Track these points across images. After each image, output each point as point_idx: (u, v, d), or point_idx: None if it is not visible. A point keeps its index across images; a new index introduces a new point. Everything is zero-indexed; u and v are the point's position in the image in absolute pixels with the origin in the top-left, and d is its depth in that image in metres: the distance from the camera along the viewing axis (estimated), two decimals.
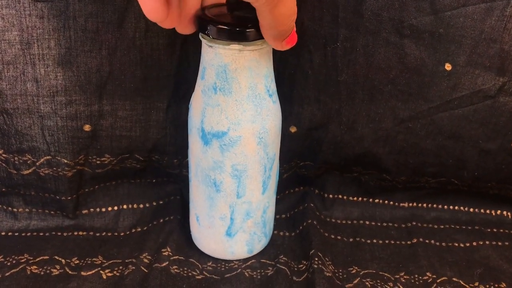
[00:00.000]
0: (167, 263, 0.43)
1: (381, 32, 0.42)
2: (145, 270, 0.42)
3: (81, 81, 0.43)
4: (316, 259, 0.43)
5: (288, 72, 0.46)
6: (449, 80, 0.44)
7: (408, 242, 0.48)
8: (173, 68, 0.44)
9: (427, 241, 0.48)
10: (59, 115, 0.43)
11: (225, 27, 0.33)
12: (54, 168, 0.45)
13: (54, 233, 0.47)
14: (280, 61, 0.45)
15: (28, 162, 0.44)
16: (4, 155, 0.44)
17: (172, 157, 0.48)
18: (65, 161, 0.45)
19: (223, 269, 0.43)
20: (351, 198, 0.52)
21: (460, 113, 0.45)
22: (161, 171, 0.50)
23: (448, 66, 0.43)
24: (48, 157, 0.44)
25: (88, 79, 0.43)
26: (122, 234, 0.47)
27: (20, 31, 0.40)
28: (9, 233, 0.46)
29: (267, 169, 0.40)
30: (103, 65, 0.42)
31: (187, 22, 0.35)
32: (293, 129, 0.48)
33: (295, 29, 0.34)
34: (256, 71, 0.36)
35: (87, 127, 0.44)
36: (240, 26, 0.34)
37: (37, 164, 0.45)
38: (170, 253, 0.44)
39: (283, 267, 0.43)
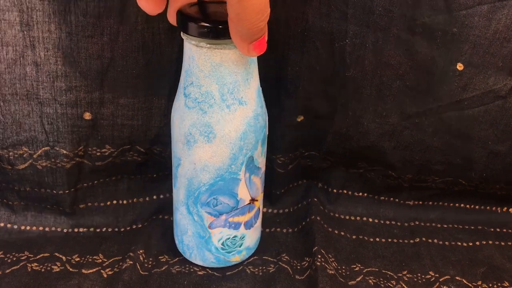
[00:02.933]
0: (166, 266, 0.43)
1: (392, 29, 0.41)
2: (143, 272, 0.42)
3: (81, 67, 0.41)
4: (319, 256, 0.43)
5: (291, 70, 0.45)
6: (460, 79, 0.43)
7: (411, 241, 0.48)
8: (175, 53, 0.43)
9: (430, 240, 0.48)
10: (58, 101, 0.42)
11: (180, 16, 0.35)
12: (52, 160, 0.44)
13: (54, 229, 0.46)
14: (282, 59, 0.44)
15: (25, 155, 0.43)
16: None
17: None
18: (64, 151, 0.43)
19: (225, 266, 0.43)
20: (356, 193, 0.51)
21: (470, 113, 0.45)
22: (162, 164, 0.49)
23: (460, 66, 0.42)
24: (46, 148, 0.43)
25: (89, 65, 0.41)
26: (122, 229, 0.47)
27: (20, 11, 0.38)
28: (8, 225, 0.46)
29: (174, 165, 0.40)
30: (105, 51, 0.41)
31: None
32: (299, 118, 0.47)
33: (266, 35, 0.33)
34: (182, 64, 0.38)
35: (87, 115, 0.43)
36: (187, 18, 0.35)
37: (34, 156, 0.43)
38: (168, 259, 0.44)
39: (285, 266, 0.43)
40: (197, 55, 0.35)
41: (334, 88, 0.45)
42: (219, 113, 0.36)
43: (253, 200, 0.41)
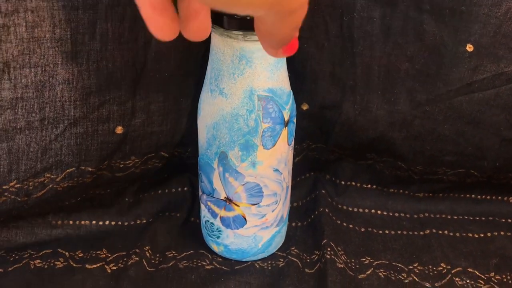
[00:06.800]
0: (173, 261, 0.43)
1: (399, 4, 0.40)
2: (149, 268, 0.42)
3: (115, 77, 0.39)
4: (329, 249, 0.42)
5: (299, 47, 0.43)
6: (470, 61, 0.41)
7: (421, 233, 0.47)
8: (201, 52, 0.43)
9: (440, 231, 0.47)
10: (90, 119, 0.40)
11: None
12: (75, 179, 0.42)
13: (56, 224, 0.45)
14: None
15: (45, 181, 0.40)
16: (17, 185, 0.40)
17: (197, 146, 0.46)
18: (90, 169, 0.42)
19: (233, 260, 0.43)
20: (364, 185, 0.51)
21: (481, 97, 0.43)
22: (178, 165, 0.48)
23: (469, 47, 0.41)
24: (71, 169, 0.41)
25: (123, 74, 0.39)
26: (126, 224, 0.46)
27: (52, 25, 0.35)
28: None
29: None
30: (139, 56, 0.39)
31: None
32: (304, 106, 0.47)
33: (297, 36, 0.29)
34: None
35: (119, 129, 0.42)
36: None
37: (57, 180, 0.41)
38: (175, 254, 0.43)
39: (295, 259, 0.43)
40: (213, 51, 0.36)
41: (342, 69, 0.44)
42: (205, 94, 0.37)
43: (229, 199, 0.39)
